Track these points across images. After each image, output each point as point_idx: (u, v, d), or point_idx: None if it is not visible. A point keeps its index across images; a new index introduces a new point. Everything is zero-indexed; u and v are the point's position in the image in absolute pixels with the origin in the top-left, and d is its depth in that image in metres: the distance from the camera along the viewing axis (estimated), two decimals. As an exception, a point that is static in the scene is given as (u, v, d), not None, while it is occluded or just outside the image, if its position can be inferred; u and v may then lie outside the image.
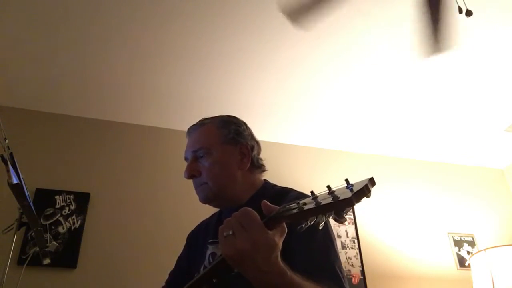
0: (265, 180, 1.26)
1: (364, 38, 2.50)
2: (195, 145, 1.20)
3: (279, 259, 0.74)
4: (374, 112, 3.14)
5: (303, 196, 1.06)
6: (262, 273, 0.72)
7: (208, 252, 1.15)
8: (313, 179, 3.20)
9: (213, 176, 1.16)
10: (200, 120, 1.27)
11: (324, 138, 3.40)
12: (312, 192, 0.67)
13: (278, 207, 0.73)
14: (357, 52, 2.60)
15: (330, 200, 0.62)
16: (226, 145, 1.19)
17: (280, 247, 0.73)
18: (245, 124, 1.29)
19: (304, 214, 0.66)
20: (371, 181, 0.61)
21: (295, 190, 1.14)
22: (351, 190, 0.61)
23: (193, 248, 1.28)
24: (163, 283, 1.30)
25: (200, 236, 1.28)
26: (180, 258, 1.33)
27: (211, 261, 1.12)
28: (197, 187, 1.19)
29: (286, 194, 1.11)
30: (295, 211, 0.68)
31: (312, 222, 0.66)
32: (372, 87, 2.89)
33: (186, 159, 1.23)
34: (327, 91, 2.91)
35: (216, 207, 1.26)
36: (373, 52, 2.60)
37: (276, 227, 0.73)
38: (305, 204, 0.67)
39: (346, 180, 0.63)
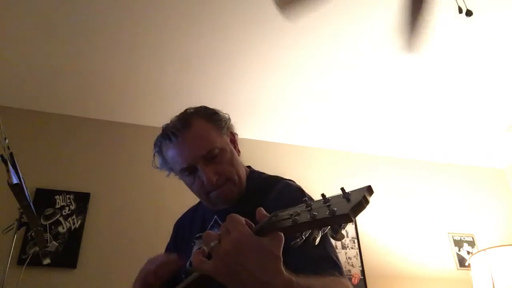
0: (248, 166, 1.20)
1: (362, 36, 2.50)
2: (203, 147, 1.05)
3: (282, 268, 0.67)
4: (374, 112, 3.14)
5: (290, 187, 1.05)
6: (264, 285, 0.65)
7: (195, 248, 1.11)
8: (313, 179, 3.19)
9: (237, 171, 1.08)
10: (178, 121, 1.12)
11: (325, 138, 3.40)
12: (305, 200, 0.62)
13: (269, 215, 0.68)
14: (356, 51, 2.60)
15: (326, 213, 0.56)
16: (224, 136, 1.12)
17: (280, 257, 0.66)
18: None
19: (298, 227, 0.61)
20: (369, 191, 0.55)
21: (282, 180, 1.10)
22: (348, 200, 0.55)
23: (179, 241, 1.23)
24: None
25: (186, 227, 1.24)
26: (167, 249, 1.27)
27: None
28: (216, 189, 1.06)
29: (274, 185, 1.06)
30: (288, 223, 0.62)
31: (307, 235, 0.62)
32: (372, 87, 2.89)
33: (187, 168, 1.06)
34: (327, 91, 2.91)
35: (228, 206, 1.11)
36: (373, 51, 2.60)
37: (268, 234, 0.66)
38: (298, 214, 0.61)
39: (342, 189, 0.58)
